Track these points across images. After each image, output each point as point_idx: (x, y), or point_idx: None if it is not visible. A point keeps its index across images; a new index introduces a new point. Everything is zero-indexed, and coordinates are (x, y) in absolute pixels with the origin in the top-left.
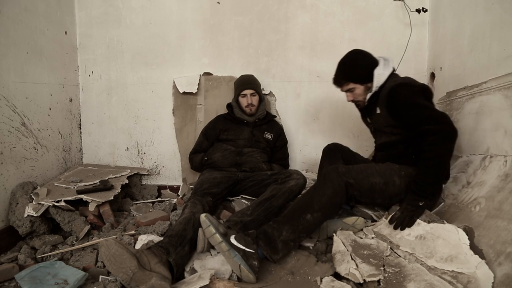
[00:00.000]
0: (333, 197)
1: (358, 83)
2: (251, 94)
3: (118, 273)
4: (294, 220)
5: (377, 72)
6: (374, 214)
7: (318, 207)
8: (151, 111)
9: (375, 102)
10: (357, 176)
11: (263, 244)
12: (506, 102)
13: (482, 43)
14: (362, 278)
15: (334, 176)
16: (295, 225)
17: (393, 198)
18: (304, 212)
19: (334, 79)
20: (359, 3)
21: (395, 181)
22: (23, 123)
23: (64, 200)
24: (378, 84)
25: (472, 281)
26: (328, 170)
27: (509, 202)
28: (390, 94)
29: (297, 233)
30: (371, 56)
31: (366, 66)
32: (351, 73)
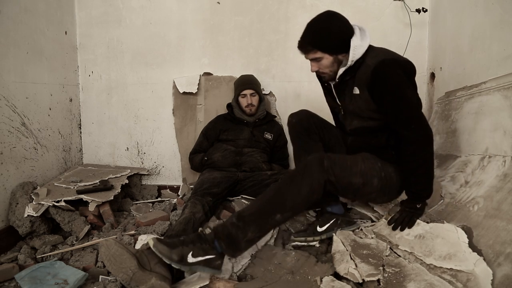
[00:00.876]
0: (309, 195)
1: (327, 52)
2: (251, 94)
3: (118, 273)
4: (262, 220)
5: (354, 43)
6: (373, 215)
7: (290, 206)
8: (151, 111)
9: (350, 80)
10: (340, 173)
11: (225, 247)
12: (505, 102)
13: (482, 43)
14: (361, 277)
15: (316, 171)
16: (262, 225)
17: (363, 196)
18: (274, 212)
19: (299, 43)
20: (359, 3)
21: (373, 183)
22: (23, 123)
23: (64, 200)
24: (354, 58)
25: (471, 278)
26: (311, 161)
27: (508, 202)
28: (376, 75)
29: (263, 232)
30: (347, 23)
31: (340, 33)
32: (321, 40)
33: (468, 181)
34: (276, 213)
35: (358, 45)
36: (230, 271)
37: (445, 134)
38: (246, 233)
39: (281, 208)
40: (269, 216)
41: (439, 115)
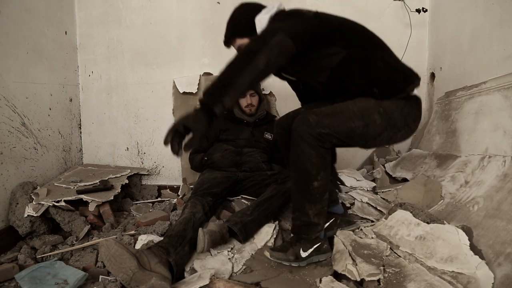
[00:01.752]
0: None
1: (242, 36)
2: (251, 94)
3: (118, 273)
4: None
5: (258, 18)
6: (374, 218)
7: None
8: (151, 111)
9: None
10: (332, 122)
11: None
12: (505, 102)
13: (482, 43)
14: (360, 276)
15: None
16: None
17: (376, 138)
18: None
19: (223, 41)
20: (359, 3)
21: (375, 120)
22: (23, 123)
23: (64, 200)
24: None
25: (472, 281)
26: (297, 123)
27: (508, 202)
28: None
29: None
30: (254, 4)
31: (246, 15)
32: (233, 27)
33: (468, 181)
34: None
35: (261, 18)
36: (230, 271)
37: (445, 134)
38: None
39: (310, 177)
40: (307, 191)
41: (439, 115)
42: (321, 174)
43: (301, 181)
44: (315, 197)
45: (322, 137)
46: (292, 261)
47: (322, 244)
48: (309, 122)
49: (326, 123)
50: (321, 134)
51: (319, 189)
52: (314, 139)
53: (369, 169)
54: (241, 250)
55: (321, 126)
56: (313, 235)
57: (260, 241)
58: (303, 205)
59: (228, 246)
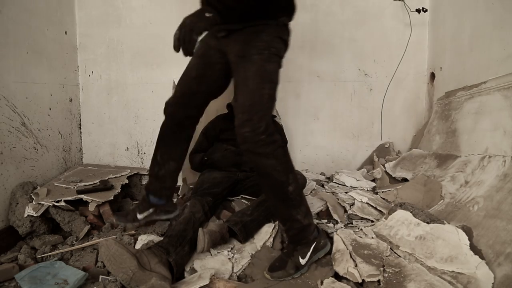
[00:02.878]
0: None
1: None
2: None
3: (118, 273)
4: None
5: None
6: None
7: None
8: (151, 111)
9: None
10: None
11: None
12: (505, 102)
13: (482, 43)
14: (361, 277)
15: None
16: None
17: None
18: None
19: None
20: (359, 3)
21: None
22: (23, 123)
23: (64, 200)
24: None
25: (472, 281)
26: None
27: (508, 202)
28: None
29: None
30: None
31: None
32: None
33: (468, 181)
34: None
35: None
36: (230, 271)
37: (445, 134)
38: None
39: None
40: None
41: (439, 115)
42: (291, 177)
43: (277, 193)
44: (296, 201)
45: (267, 135)
46: (293, 273)
47: (318, 242)
48: (249, 138)
49: (256, 118)
50: (264, 133)
51: (296, 191)
52: (266, 144)
53: (369, 169)
54: (241, 250)
55: (257, 128)
56: (311, 236)
57: (260, 241)
58: (290, 213)
59: (228, 246)
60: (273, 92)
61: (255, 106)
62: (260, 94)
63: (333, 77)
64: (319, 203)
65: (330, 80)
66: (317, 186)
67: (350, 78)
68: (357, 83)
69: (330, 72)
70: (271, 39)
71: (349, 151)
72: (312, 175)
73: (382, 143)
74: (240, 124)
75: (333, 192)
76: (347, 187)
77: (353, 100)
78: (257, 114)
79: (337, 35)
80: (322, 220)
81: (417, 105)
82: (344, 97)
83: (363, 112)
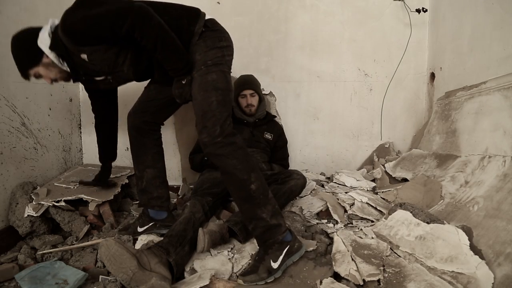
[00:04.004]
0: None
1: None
2: (251, 95)
3: (118, 273)
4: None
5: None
6: (374, 218)
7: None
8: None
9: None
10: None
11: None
12: (505, 102)
13: (482, 43)
14: (361, 279)
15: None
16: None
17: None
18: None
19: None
20: (359, 3)
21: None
22: (23, 123)
23: (64, 200)
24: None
25: (472, 281)
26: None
27: (508, 202)
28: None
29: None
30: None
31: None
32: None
33: (468, 181)
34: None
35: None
36: (230, 271)
37: (445, 134)
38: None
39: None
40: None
41: (439, 115)
42: (253, 176)
43: (240, 191)
44: (260, 199)
45: (224, 137)
46: (266, 278)
47: (292, 246)
48: (208, 143)
49: (210, 126)
50: (221, 136)
51: (259, 190)
52: (225, 148)
53: (369, 169)
54: (241, 250)
55: (213, 132)
56: (280, 237)
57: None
58: (254, 212)
59: (228, 246)
60: (221, 97)
61: (206, 114)
62: (208, 103)
63: (333, 77)
64: (319, 203)
65: (330, 80)
66: (317, 186)
67: (350, 78)
68: (357, 83)
69: (330, 72)
70: (204, 55)
71: (349, 151)
72: (312, 175)
73: (382, 143)
74: (199, 132)
75: (333, 192)
76: (347, 187)
77: (353, 100)
78: (209, 120)
79: (337, 35)
80: (322, 220)
81: (417, 105)
82: (344, 97)
83: (363, 112)
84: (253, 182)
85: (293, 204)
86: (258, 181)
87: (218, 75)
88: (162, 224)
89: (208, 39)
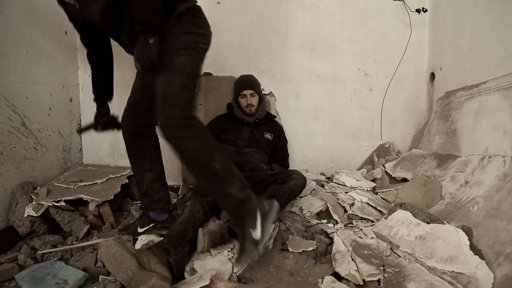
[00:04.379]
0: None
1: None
2: (251, 95)
3: (118, 273)
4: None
5: None
6: (374, 218)
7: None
8: None
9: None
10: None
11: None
12: (505, 102)
13: (482, 43)
14: (361, 279)
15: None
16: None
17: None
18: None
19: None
20: (359, 3)
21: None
22: (23, 123)
23: (64, 200)
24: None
25: (472, 281)
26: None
27: (508, 202)
28: None
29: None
30: None
31: None
32: None
33: (468, 181)
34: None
35: None
36: (230, 271)
37: (445, 134)
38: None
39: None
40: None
41: (439, 115)
42: (215, 155)
43: (205, 173)
44: (226, 177)
45: (183, 119)
46: (255, 249)
47: (262, 208)
48: (164, 125)
49: (169, 108)
50: (179, 118)
51: (224, 168)
52: (183, 129)
53: (369, 169)
54: None
55: (171, 115)
56: (252, 207)
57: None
58: (222, 190)
59: (228, 246)
60: (186, 81)
61: (167, 96)
62: (170, 85)
63: (333, 77)
64: (319, 203)
65: (330, 80)
66: (317, 186)
67: (350, 78)
68: (357, 83)
69: (330, 72)
70: (176, 37)
71: (349, 151)
72: (312, 175)
73: (382, 143)
74: (157, 114)
75: (333, 192)
76: (347, 187)
77: (353, 100)
78: (169, 102)
79: (337, 35)
80: (322, 220)
81: (417, 105)
82: (344, 97)
83: (363, 112)
84: (216, 161)
85: (293, 204)
86: (221, 159)
87: (186, 59)
88: (162, 225)
89: (184, 22)
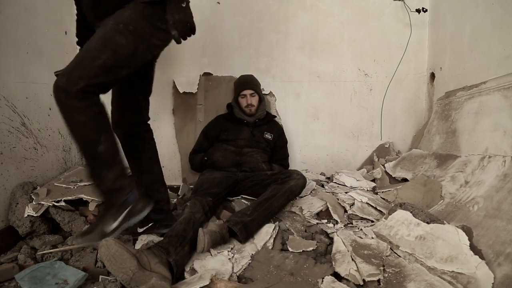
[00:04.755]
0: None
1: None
2: (251, 95)
3: (118, 273)
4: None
5: None
6: (374, 218)
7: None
8: (151, 111)
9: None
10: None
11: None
12: (505, 102)
13: (482, 43)
14: (361, 279)
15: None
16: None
17: (135, 56)
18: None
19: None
20: (359, 3)
21: (120, 42)
22: (23, 123)
23: (64, 200)
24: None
25: (472, 281)
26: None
27: (508, 202)
28: None
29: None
30: None
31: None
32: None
33: (468, 181)
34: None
35: None
36: (230, 271)
37: (445, 134)
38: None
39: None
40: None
41: (439, 115)
42: (103, 137)
43: (87, 150)
44: (107, 162)
45: (83, 92)
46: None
47: (134, 207)
48: (61, 88)
49: (76, 76)
50: (79, 90)
51: (107, 151)
52: (78, 101)
53: (369, 169)
54: (241, 250)
55: (73, 83)
56: (121, 199)
57: (260, 241)
58: (99, 172)
59: (228, 246)
60: (110, 62)
61: (82, 63)
62: (93, 56)
63: (333, 77)
64: (319, 203)
65: (330, 80)
66: (317, 186)
67: (350, 78)
68: (357, 83)
69: (330, 72)
70: (132, 19)
71: (349, 151)
72: (312, 175)
73: (382, 143)
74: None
75: (333, 192)
76: (347, 187)
77: (353, 100)
78: (80, 71)
79: (337, 35)
80: (322, 220)
81: (417, 105)
82: (344, 97)
83: (363, 112)
84: (102, 143)
85: (293, 204)
86: (107, 142)
87: (128, 44)
88: (162, 224)
89: (150, 10)
